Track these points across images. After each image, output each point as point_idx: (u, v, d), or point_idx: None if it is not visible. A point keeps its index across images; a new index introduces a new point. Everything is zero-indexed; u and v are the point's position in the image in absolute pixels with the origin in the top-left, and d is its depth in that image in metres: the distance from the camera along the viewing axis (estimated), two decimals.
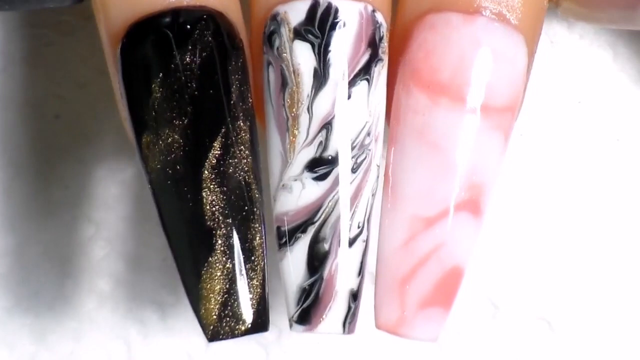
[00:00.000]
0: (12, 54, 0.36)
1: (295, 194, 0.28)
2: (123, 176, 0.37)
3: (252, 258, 0.28)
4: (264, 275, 0.28)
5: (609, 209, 0.37)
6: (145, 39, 0.28)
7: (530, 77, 0.30)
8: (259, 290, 0.28)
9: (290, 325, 0.28)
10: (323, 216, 0.28)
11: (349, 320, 0.28)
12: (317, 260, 0.28)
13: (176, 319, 0.37)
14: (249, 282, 0.28)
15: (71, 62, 0.37)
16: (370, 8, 0.28)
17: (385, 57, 0.29)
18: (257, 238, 0.28)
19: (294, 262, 0.28)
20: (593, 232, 0.37)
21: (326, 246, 0.28)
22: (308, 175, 0.28)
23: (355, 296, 0.28)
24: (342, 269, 0.28)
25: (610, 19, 0.30)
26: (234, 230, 0.28)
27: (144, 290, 0.37)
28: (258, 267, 0.28)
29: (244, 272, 0.28)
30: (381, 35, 0.29)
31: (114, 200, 0.37)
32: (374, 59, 0.28)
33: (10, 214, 0.37)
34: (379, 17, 0.29)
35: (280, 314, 0.36)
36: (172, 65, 0.27)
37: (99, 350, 0.37)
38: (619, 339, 0.37)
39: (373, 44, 0.28)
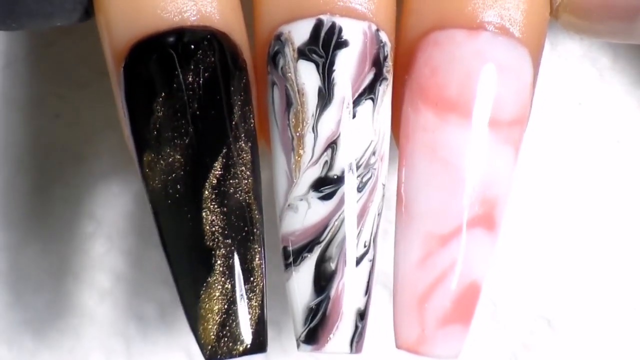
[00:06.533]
0: (13, 53, 0.36)
1: (301, 213, 0.28)
2: (123, 174, 0.37)
3: (252, 279, 0.28)
4: (263, 296, 0.28)
5: (608, 210, 0.37)
6: (148, 58, 0.28)
7: None
8: (257, 311, 0.28)
9: (298, 345, 0.28)
10: (329, 235, 0.28)
11: (356, 339, 0.28)
12: (323, 280, 0.28)
13: (175, 316, 0.37)
14: (247, 303, 0.28)
15: (71, 62, 0.36)
16: (374, 27, 0.28)
17: (390, 77, 0.29)
18: (257, 259, 0.28)
19: (300, 282, 0.28)
20: (593, 232, 0.37)
21: (332, 265, 0.28)
22: (314, 195, 0.28)
23: (362, 315, 0.28)
24: (349, 288, 0.28)
25: (609, 31, 0.30)
26: (233, 250, 0.28)
27: (144, 287, 0.37)
28: (257, 287, 0.28)
29: (243, 292, 0.28)
30: (385, 54, 0.29)
31: (115, 197, 0.37)
32: (378, 78, 0.28)
33: (10, 211, 0.37)
34: (383, 36, 0.29)
35: (281, 313, 0.36)
36: (175, 85, 0.27)
37: (98, 346, 0.37)
38: (619, 337, 0.37)
39: (377, 63, 0.28)
